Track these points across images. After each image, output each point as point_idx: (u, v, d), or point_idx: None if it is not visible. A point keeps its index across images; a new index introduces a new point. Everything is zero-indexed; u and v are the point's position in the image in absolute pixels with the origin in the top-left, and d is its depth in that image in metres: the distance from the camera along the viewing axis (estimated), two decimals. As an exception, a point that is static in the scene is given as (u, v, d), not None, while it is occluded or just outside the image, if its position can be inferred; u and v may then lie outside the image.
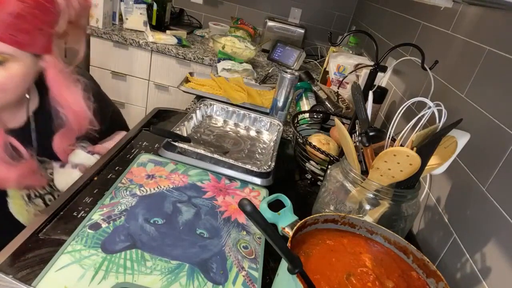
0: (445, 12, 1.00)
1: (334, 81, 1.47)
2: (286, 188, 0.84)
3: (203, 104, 1.07)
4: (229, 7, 2.44)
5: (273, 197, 0.59)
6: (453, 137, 0.62)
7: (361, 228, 0.55)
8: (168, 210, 0.66)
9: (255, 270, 0.59)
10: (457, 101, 0.80)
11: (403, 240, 0.52)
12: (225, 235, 0.64)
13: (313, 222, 0.51)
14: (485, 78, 0.73)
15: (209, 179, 0.79)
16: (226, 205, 0.72)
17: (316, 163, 0.87)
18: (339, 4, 2.40)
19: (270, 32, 2.21)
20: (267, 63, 2.01)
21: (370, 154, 0.65)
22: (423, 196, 0.82)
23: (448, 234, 0.71)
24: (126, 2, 1.94)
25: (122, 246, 0.56)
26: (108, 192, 0.67)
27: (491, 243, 0.59)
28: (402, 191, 0.60)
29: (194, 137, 0.93)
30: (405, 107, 0.60)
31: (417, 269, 0.50)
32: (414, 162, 0.55)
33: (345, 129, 0.66)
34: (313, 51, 2.40)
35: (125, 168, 0.75)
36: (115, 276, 0.51)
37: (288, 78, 1.13)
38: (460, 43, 0.87)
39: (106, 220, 0.61)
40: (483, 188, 0.64)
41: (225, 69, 1.52)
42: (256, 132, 1.08)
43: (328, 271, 0.46)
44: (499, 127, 0.63)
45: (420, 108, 0.93)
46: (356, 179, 0.63)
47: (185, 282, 0.53)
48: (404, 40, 0.90)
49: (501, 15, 0.73)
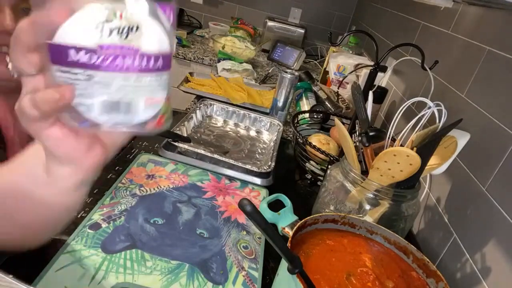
0: (445, 12, 1.00)
1: (334, 81, 1.47)
2: (286, 188, 0.84)
3: (203, 104, 1.07)
4: (229, 7, 2.44)
5: (273, 197, 0.59)
6: (453, 137, 0.62)
7: (361, 228, 0.55)
8: (168, 210, 0.66)
9: (255, 270, 0.59)
10: (457, 101, 0.79)
11: (403, 240, 0.52)
12: (225, 235, 0.64)
13: (313, 222, 0.51)
14: (485, 78, 0.73)
15: (209, 179, 0.79)
16: (226, 205, 0.72)
17: (316, 163, 0.87)
18: (339, 4, 2.40)
19: (270, 32, 2.21)
20: (267, 63, 2.01)
21: (370, 154, 0.65)
22: (423, 196, 0.82)
23: (448, 234, 0.71)
24: (126, 2, 1.94)
25: (122, 246, 0.56)
26: (108, 192, 0.67)
27: (491, 243, 0.59)
28: (402, 191, 0.60)
29: (194, 137, 0.93)
30: (405, 107, 0.60)
31: (417, 269, 0.50)
32: (414, 162, 0.55)
33: (345, 129, 0.66)
34: (313, 51, 2.40)
35: (125, 168, 0.75)
36: (115, 276, 0.51)
37: (288, 78, 1.13)
38: (460, 43, 0.87)
39: (106, 220, 0.61)
40: (483, 188, 0.64)
41: (225, 69, 1.52)
42: (256, 132, 1.08)
43: (328, 271, 0.46)
44: (499, 127, 0.63)
45: (420, 108, 0.93)
46: (356, 179, 0.63)
47: (185, 282, 0.53)
48: (404, 40, 0.90)
49: (501, 15, 0.73)
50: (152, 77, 0.27)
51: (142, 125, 0.28)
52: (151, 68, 0.26)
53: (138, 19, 0.25)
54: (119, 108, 0.26)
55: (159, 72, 0.27)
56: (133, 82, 0.26)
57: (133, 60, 0.25)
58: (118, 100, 0.26)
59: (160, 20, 0.26)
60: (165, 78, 0.28)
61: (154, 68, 0.26)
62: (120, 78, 0.25)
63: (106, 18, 0.24)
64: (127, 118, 0.27)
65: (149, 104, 0.27)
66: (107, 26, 0.24)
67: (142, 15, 0.25)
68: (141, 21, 0.25)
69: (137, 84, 0.26)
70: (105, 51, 0.24)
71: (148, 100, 0.27)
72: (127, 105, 0.26)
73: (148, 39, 0.26)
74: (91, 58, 0.24)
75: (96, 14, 0.24)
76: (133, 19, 0.25)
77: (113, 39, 0.25)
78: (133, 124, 0.28)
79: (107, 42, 0.24)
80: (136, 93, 0.26)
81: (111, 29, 0.24)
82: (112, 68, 0.25)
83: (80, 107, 0.26)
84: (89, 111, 0.26)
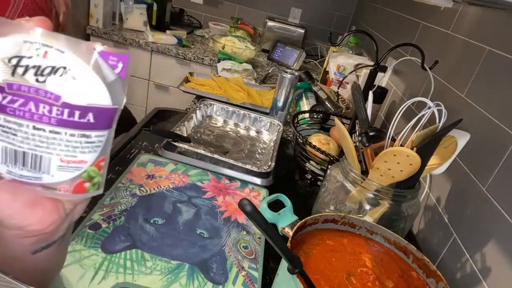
0: (445, 12, 1.00)
1: (334, 81, 1.47)
2: (286, 188, 0.84)
3: (203, 104, 1.07)
4: (229, 7, 2.44)
5: (273, 197, 0.59)
6: (453, 137, 0.62)
7: (361, 228, 0.54)
8: (168, 210, 0.66)
9: (255, 270, 0.59)
10: (457, 101, 0.79)
11: (403, 240, 0.52)
12: (225, 235, 0.64)
13: (313, 222, 0.51)
14: (485, 78, 0.73)
15: (209, 179, 0.79)
16: (226, 205, 0.72)
17: (316, 163, 0.87)
18: (339, 4, 2.40)
19: (270, 32, 2.21)
20: (267, 63, 2.01)
21: (370, 154, 0.65)
22: (423, 196, 0.82)
23: (448, 234, 0.71)
24: (126, 2, 1.94)
25: (122, 246, 0.56)
26: (108, 192, 0.67)
27: (491, 243, 0.59)
28: (402, 191, 0.60)
29: (194, 137, 0.93)
30: (405, 107, 0.60)
31: (417, 269, 0.50)
32: (414, 162, 0.55)
33: (345, 129, 0.66)
34: (313, 51, 2.40)
35: (125, 168, 0.75)
36: (115, 276, 0.51)
37: (288, 78, 1.13)
38: (460, 43, 0.87)
39: (106, 220, 0.61)
40: (483, 188, 0.64)
41: (225, 69, 1.52)
42: (256, 132, 1.08)
43: (328, 271, 0.46)
44: (499, 127, 0.63)
45: (420, 108, 0.93)
46: (356, 179, 0.63)
47: (185, 282, 0.53)
48: (404, 40, 0.89)
49: (501, 15, 0.73)
50: (74, 133, 0.22)
51: (52, 188, 0.23)
52: (74, 122, 0.22)
53: (68, 61, 0.21)
54: (25, 162, 0.22)
55: (87, 129, 0.22)
56: (46, 134, 0.21)
57: (50, 109, 0.21)
58: (23, 151, 0.22)
59: (100, 68, 0.22)
60: (97, 137, 0.23)
61: (79, 123, 0.22)
62: (30, 126, 0.21)
63: (23, 53, 0.20)
64: (35, 175, 0.23)
65: (65, 164, 0.23)
66: (24, 62, 0.20)
67: (74, 58, 0.21)
68: (71, 64, 0.21)
69: (52, 137, 0.22)
70: (15, 91, 0.20)
71: (65, 160, 0.23)
72: (34, 159, 0.22)
73: (75, 88, 0.21)
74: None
75: (11, 46, 0.20)
76: (61, 60, 0.21)
77: (27, 79, 0.20)
78: (41, 184, 0.23)
79: (18, 81, 0.20)
80: (48, 147, 0.22)
81: (27, 67, 0.20)
82: (20, 113, 0.21)
83: None
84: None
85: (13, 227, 0.25)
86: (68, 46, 0.21)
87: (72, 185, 0.24)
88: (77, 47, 0.21)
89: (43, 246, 0.27)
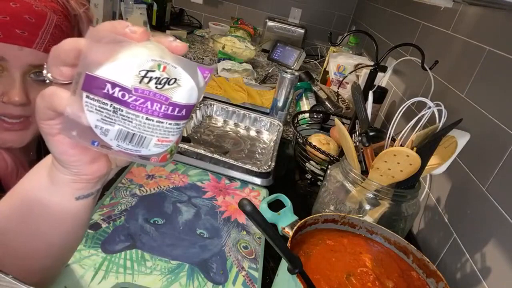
0: (445, 12, 1.00)
1: (334, 81, 1.47)
2: (286, 188, 0.84)
3: (203, 104, 1.07)
4: (229, 7, 2.44)
5: (273, 197, 0.59)
6: (453, 137, 0.62)
7: (361, 228, 0.54)
8: (168, 210, 0.66)
9: (255, 270, 0.59)
10: (457, 101, 0.79)
11: (403, 240, 0.52)
12: (225, 235, 0.64)
13: (313, 222, 0.51)
14: (485, 78, 0.73)
15: (209, 179, 0.79)
16: (226, 205, 0.72)
17: (316, 163, 0.87)
18: (339, 4, 2.40)
19: (270, 32, 2.21)
20: (267, 63, 2.01)
21: (370, 154, 0.65)
22: (423, 196, 0.82)
23: (448, 234, 0.71)
24: (126, 2, 1.94)
25: (122, 246, 0.56)
26: (108, 192, 0.67)
27: (491, 243, 0.59)
28: (402, 191, 0.60)
29: (194, 137, 0.93)
30: (405, 107, 0.60)
31: (417, 269, 0.50)
32: (414, 162, 0.55)
33: (345, 129, 0.66)
34: (313, 51, 2.40)
35: (125, 168, 0.75)
36: (115, 276, 0.51)
37: (288, 78, 1.13)
38: (460, 43, 0.87)
39: (106, 220, 0.61)
40: (483, 188, 0.64)
41: (225, 69, 1.52)
42: (256, 132, 1.08)
43: (328, 271, 0.46)
44: (499, 127, 0.63)
45: (420, 108, 0.93)
46: (356, 179, 0.63)
47: (185, 282, 0.53)
48: (404, 40, 0.90)
49: (501, 15, 0.73)
50: (171, 122, 0.29)
51: (146, 158, 0.30)
52: (174, 115, 0.29)
53: (178, 74, 0.28)
54: (132, 140, 0.29)
55: (179, 119, 0.30)
56: (154, 123, 0.28)
57: (160, 107, 0.28)
58: (134, 133, 0.28)
59: (197, 78, 0.29)
60: (182, 124, 0.31)
61: (177, 116, 0.29)
62: (144, 117, 0.28)
63: (150, 68, 0.27)
64: (136, 149, 0.29)
65: (160, 143, 0.30)
66: (149, 74, 0.27)
67: (182, 72, 0.28)
68: (180, 76, 0.28)
69: (157, 125, 0.29)
70: (139, 94, 0.27)
71: (161, 140, 0.30)
72: (140, 139, 0.29)
73: (180, 92, 0.28)
74: (124, 95, 0.27)
75: (143, 63, 0.27)
76: (174, 73, 0.28)
77: (150, 86, 0.27)
78: (139, 155, 0.30)
79: (143, 87, 0.27)
80: (152, 132, 0.29)
81: (151, 78, 0.27)
82: (139, 108, 0.27)
83: (96, 129, 0.28)
84: (103, 134, 0.28)
85: (72, 173, 0.32)
86: (179, 63, 0.28)
87: (160, 156, 0.31)
88: (184, 63, 0.28)
89: (84, 195, 0.34)
